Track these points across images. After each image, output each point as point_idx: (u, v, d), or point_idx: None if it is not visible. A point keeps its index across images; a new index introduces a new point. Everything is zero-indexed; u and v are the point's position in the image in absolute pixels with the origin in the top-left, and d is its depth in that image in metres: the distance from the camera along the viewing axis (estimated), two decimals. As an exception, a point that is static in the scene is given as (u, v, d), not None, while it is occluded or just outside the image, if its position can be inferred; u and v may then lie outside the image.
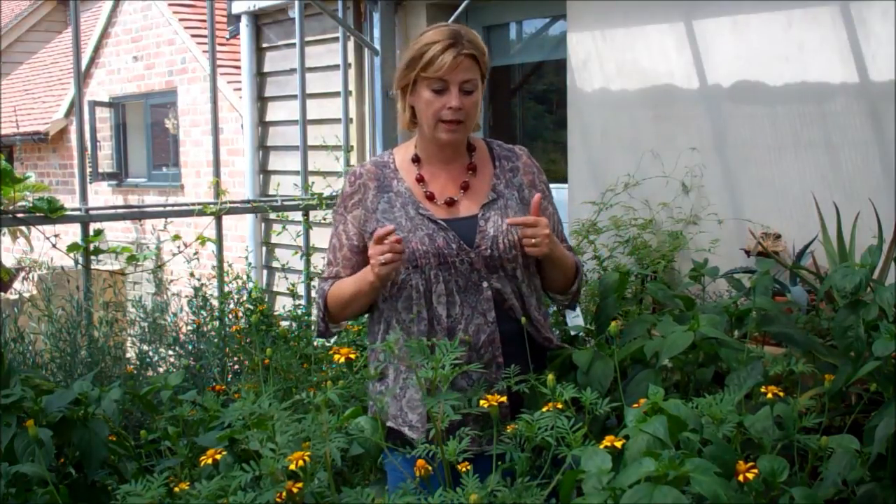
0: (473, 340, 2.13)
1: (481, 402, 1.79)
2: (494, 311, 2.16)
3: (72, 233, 4.29)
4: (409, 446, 1.90)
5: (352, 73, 5.05)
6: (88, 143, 9.99)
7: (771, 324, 2.23)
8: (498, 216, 2.19)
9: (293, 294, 4.30)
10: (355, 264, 2.22)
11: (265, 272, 5.74)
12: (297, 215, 4.95)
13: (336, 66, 5.09)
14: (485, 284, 2.16)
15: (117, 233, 8.76)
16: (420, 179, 2.23)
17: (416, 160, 2.26)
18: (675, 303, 2.39)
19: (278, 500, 1.59)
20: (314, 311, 2.29)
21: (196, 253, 4.24)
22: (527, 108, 4.99)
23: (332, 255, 2.27)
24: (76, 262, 3.93)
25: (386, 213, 2.19)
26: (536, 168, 2.32)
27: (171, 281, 4.28)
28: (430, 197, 2.21)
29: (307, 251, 4.85)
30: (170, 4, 9.42)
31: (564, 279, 2.28)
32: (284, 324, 3.93)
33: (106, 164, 10.43)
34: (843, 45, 3.18)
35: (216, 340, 3.69)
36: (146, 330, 3.76)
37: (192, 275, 4.01)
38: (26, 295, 4.45)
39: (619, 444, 1.55)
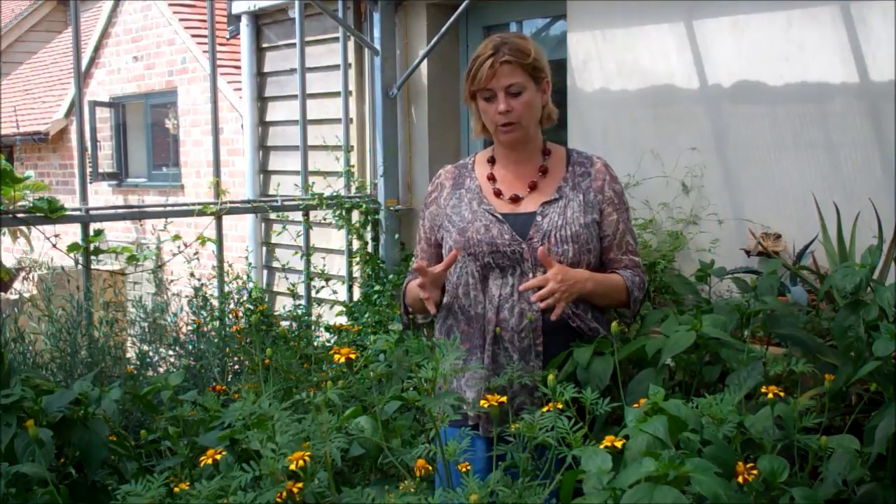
0: (515, 324, 2.25)
1: (481, 402, 1.79)
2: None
3: (72, 233, 4.29)
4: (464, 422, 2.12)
5: (352, 73, 5.05)
6: (88, 143, 9.99)
7: (778, 325, 2.24)
8: (556, 214, 2.31)
9: (293, 294, 4.30)
10: (430, 255, 2.45)
11: (265, 272, 5.74)
12: (298, 215, 4.96)
13: (336, 66, 5.08)
14: (530, 275, 2.26)
15: (117, 233, 8.76)
16: (491, 178, 2.40)
17: (491, 161, 2.44)
18: (693, 298, 2.42)
19: (278, 500, 1.58)
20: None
21: (196, 253, 4.23)
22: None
23: (416, 249, 2.52)
24: (76, 262, 3.93)
25: (455, 207, 2.38)
26: (610, 176, 2.39)
27: (172, 281, 4.27)
28: (498, 193, 2.37)
29: (307, 251, 4.85)
30: (170, 4, 9.42)
31: (611, 302, 2.35)
32: (284, 324, 3.93)
33: (106, 164, 10.42)
34: (843, 45, 3.18)
35: (216, 340, 3.69)
36: (146, 330, 3.75)
37: (192, 275, 4.01)
38: (26, 295, 4.44)
39: (619, 444, 1.55)
